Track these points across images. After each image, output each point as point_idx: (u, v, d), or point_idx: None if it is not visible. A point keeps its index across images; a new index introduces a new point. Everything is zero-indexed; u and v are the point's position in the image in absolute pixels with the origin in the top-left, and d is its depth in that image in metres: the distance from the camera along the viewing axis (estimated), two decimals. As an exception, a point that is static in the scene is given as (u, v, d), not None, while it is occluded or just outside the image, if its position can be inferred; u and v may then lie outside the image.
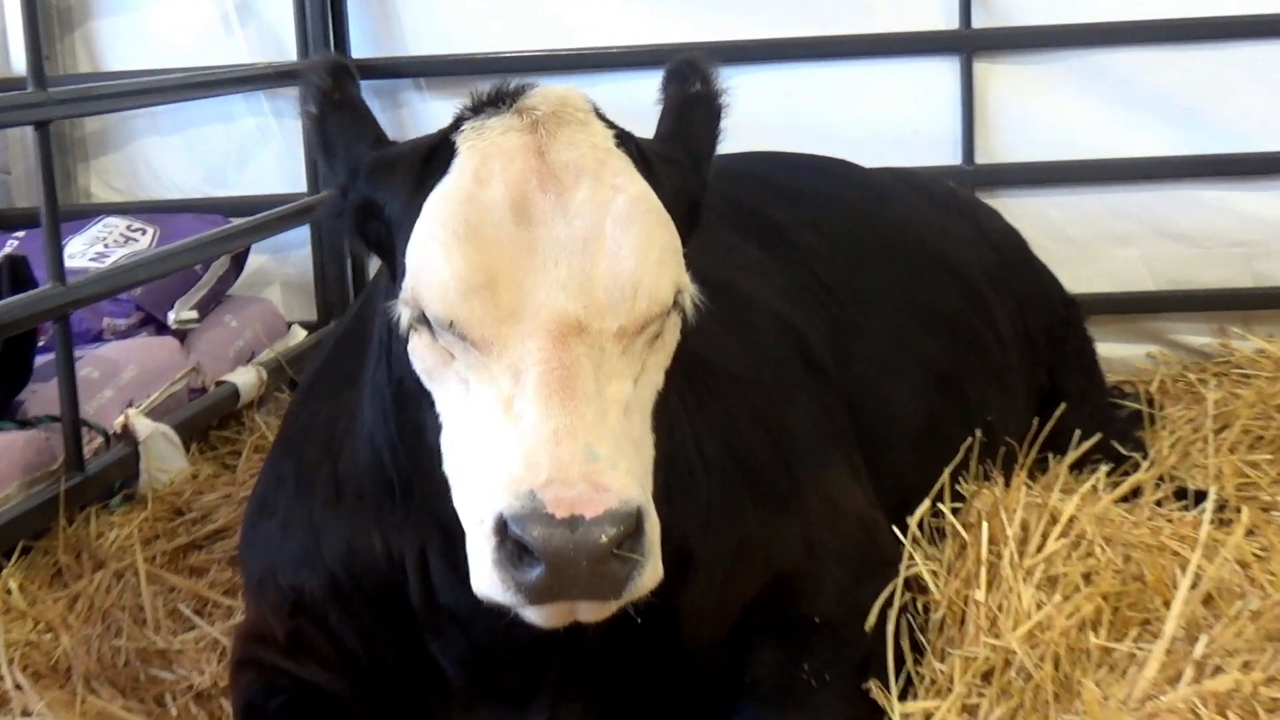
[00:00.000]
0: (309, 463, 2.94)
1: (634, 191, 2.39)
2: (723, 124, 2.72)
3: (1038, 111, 5.76)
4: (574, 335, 2.28)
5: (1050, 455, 3.92)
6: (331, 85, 2.63)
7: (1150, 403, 4.91)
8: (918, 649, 2.99)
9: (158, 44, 6.17)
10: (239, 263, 5.70)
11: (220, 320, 5.50)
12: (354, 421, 2.81)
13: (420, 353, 2.41)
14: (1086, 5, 5.69)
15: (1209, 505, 3.35)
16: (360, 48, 6.05)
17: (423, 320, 2.37)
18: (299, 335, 5.82)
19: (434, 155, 2.47)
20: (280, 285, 6.24)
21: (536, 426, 2.20)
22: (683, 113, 2.71)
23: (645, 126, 2.69)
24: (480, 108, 2.50)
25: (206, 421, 5.01)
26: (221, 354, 5.34)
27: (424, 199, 2.41)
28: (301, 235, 6.05)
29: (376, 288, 2.83)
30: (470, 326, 2.31)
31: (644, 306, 2.34)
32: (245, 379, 5.14)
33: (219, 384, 5.12)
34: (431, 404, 2.42)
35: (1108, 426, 4.20)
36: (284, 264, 6.23)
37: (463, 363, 2.34)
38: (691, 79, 2.73)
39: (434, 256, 2.33)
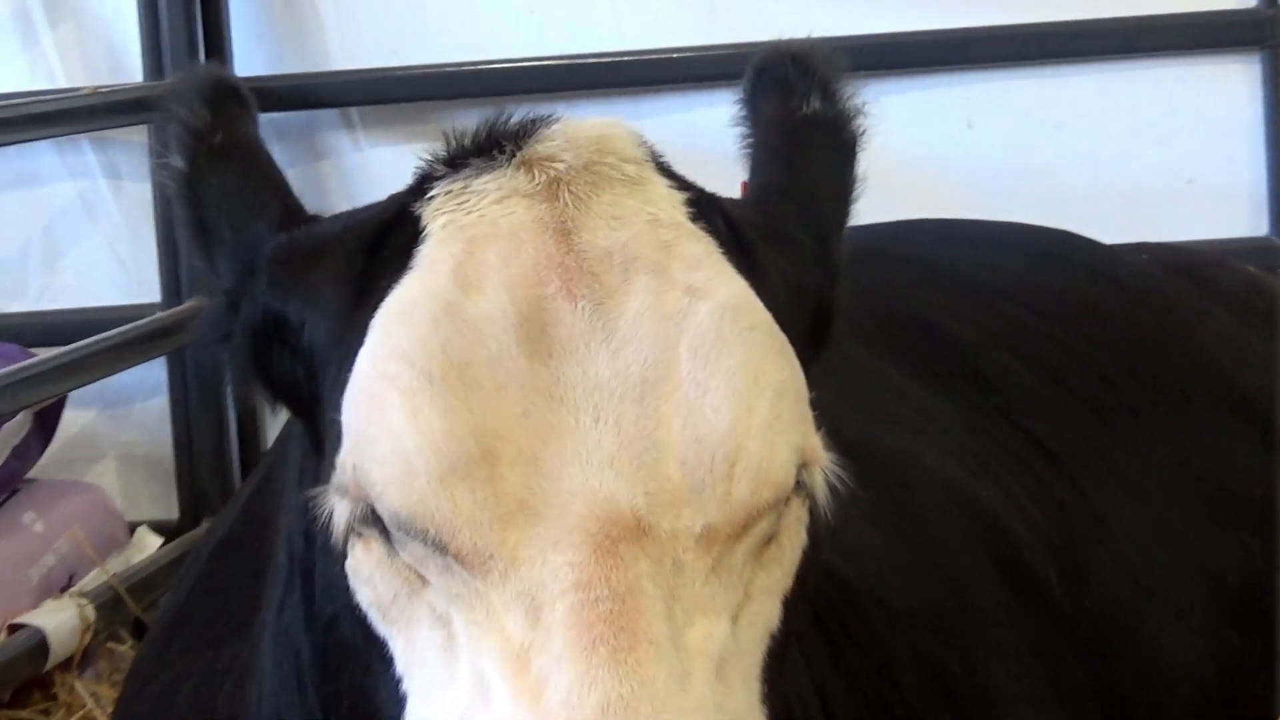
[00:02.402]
0: (169, 764, 2.96)
1: (724, 296, 2.39)
2: (859, 168, 2.71)
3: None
4: (630, 542, 2.25)
5: None
6: (209, 121, 2.66)
7: None
8: None
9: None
10: (48, 425, 5.74)
11: (16, 521, 5.54)
12: (244, 692, 2.82)
13: (368, 576, 2.39)
14: None
15: None
16: (250, 62, 6.14)
17: (372, 521, 2.36)
18: (149, 545, 5.83)
19: (385, 239, 2.48)
20: (116, 461, 6.31)
21: (570, 700, 2.17)
22: (792, 150, 2.70)
23: (734, 180, 2.69)
24: (461, 158, 2.51)
25: (-5, 693, 5.04)
26: (17, 579, 5.38)
27: (370, 314, 2.41)
28: (154, 377, 6.13)
29: (283, 464, 2.84)
30: (454, 531, 2.28)
31: (747, 491, 2.32)
32: (58, 621, 5.17)
33: (14, 629, 5.15)
34: (387, 663, 2.41)
35: None
36: (124, 426, 6.30)
37: (441, 591, 2.33)
38: (802, 88, 2.73)
39: (391, 413, 2.32)
